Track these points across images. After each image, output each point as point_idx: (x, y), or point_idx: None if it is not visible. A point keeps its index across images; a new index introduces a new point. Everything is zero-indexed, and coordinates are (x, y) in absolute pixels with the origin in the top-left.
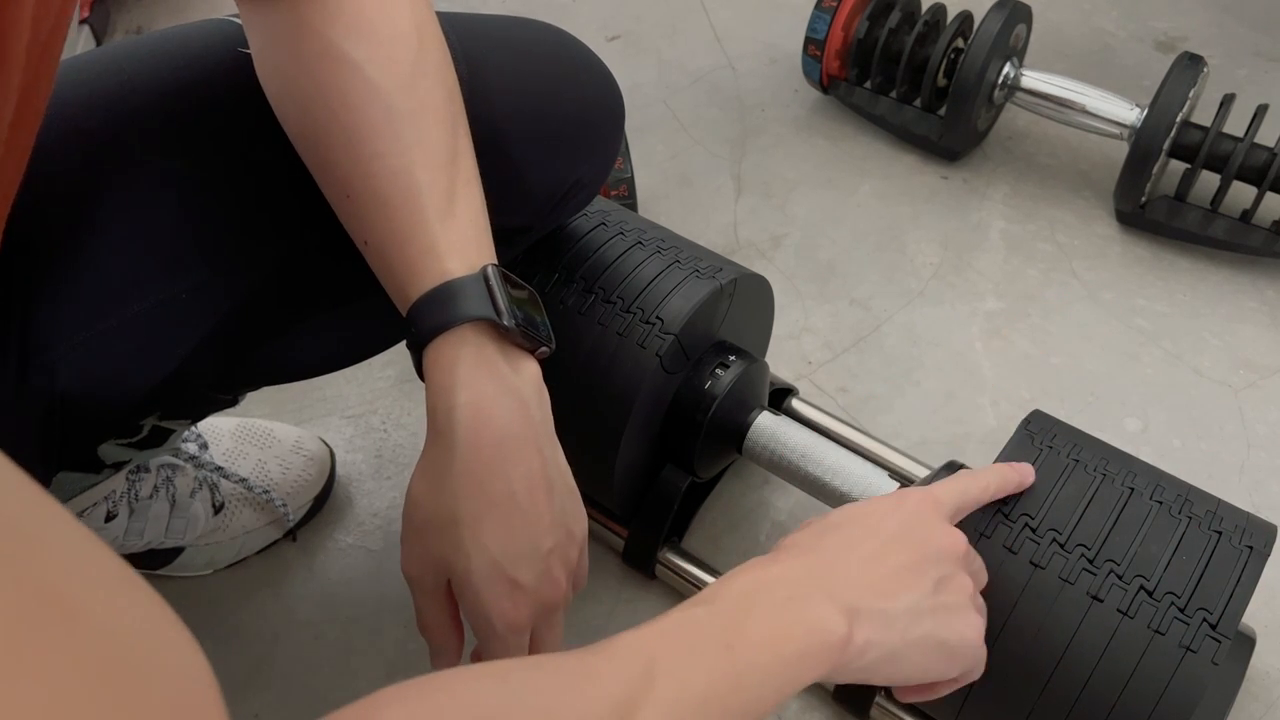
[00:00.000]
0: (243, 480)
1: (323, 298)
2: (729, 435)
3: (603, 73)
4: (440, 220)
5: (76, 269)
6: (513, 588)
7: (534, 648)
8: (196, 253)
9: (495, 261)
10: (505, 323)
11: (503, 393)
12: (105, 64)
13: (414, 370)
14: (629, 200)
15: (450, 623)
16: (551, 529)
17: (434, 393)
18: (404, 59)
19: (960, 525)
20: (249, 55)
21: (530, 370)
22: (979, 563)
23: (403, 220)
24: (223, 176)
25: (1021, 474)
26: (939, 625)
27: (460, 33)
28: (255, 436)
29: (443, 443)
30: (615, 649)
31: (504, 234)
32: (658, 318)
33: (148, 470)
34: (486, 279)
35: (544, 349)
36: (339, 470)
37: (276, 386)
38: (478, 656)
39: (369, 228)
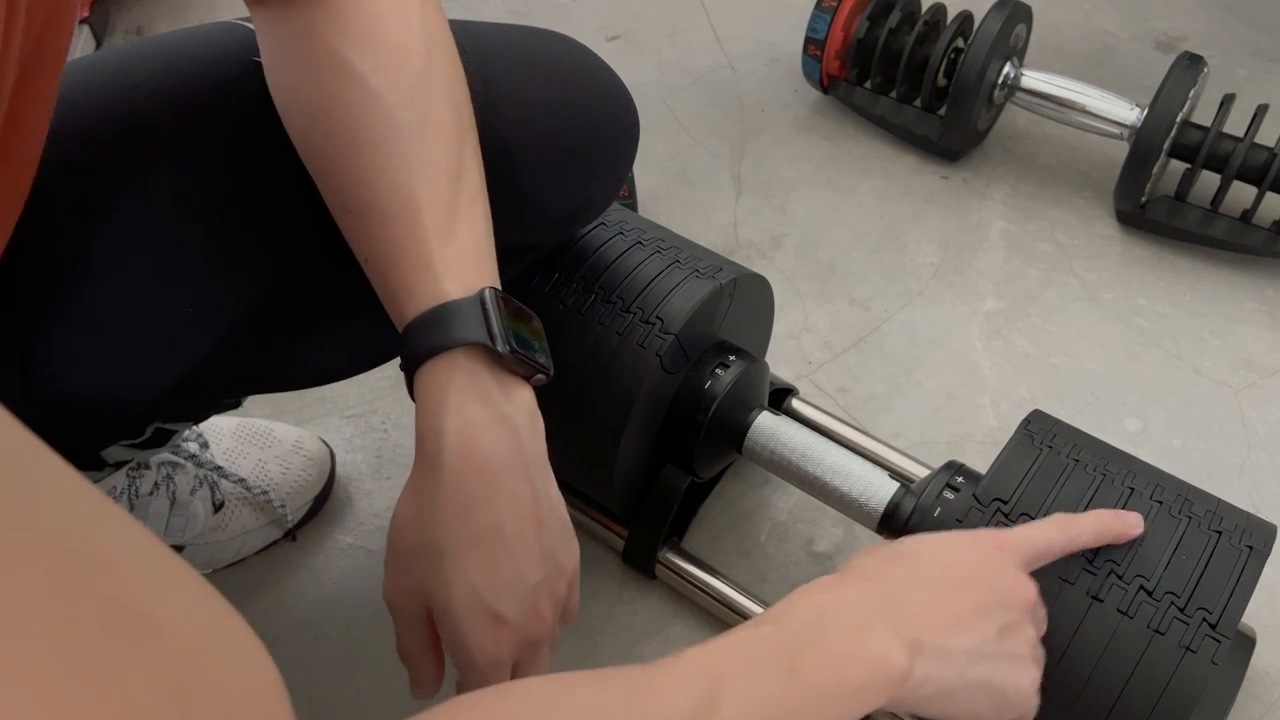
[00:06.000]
0: (241, 480)
1: (331, 309)
2: (729, 435)
3: (620, 92)
4: (440, 239)
5: (83, 276)
6: (495, 621)
7: None
8: (204, 263)
9: (496, 283)
10: (499, 349)
11: (493, 421)
12: (114, 69)
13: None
14: (629, 200)
15: (430, 652)
16: (540, 563)
17: (423, 417)
18: (411, 71)
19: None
20: (259, 64)
21: (524, 398)
22: (1043, 613)
23: (401, 237)
24: (231, 187)
25: (1126, 523)
26: (996, 671)
27: (477, 45)
28: (255, 436)
29: (430, 469)
30: (681, 665)
31: (512, 251)
32: (658, 318)
33: (148, 467)
34: (483, 303)
35: (540, 376)
36: (339, 470)
37: None
38: (461, 687)
39: (368, 244)
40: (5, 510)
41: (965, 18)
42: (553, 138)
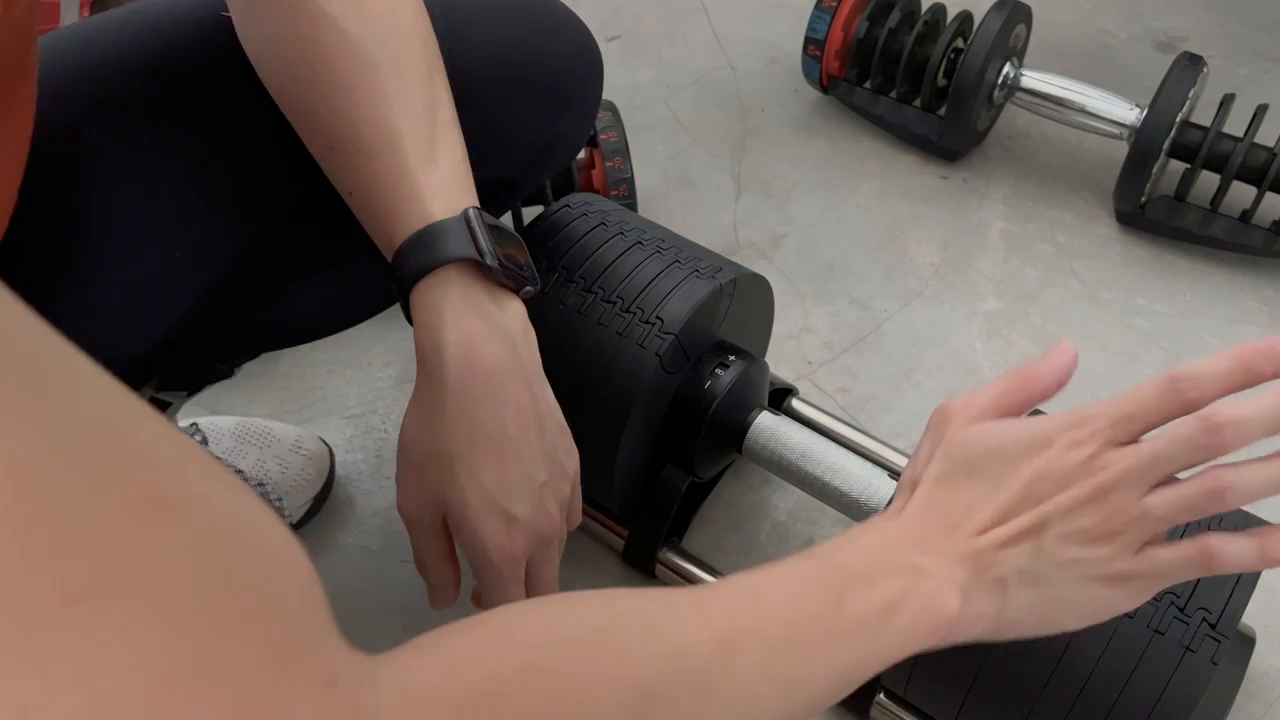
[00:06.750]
0: (239, 473)
1: (315, 256)
2: (729, 435)
3: (578, 27)
4: (421, 166)
5: (70, 232)
6: (508, 520)
7: (530, 584)
8: (189, 212)
9: (477, 204)
10: (488, 262)
11: (490, 330)
12: (90, 34)
13: (413, 363)
14: (629, 200)
15: (447, 559)
16: (544, 463)
17: (422, 332)
18: (379, 11)
19: None
20: (228, 18)
21: (515, 309)
22: (1168, 493)
23: (385, 168)
24: (211, 138)
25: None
26: (1060, 587)
27: None
28: (255, 435)
29: (433, 381)
30: (725, 586)
31: (488, 187)
32: (658, 318)
33: None
34: (468, 220)
35: (529, 288)
36: (339, 470)
37: (277, 386)
38: (477, 598)
39: (352, 177)
40: (43, 398)
41: (965, 18)
42: (517, 70)
